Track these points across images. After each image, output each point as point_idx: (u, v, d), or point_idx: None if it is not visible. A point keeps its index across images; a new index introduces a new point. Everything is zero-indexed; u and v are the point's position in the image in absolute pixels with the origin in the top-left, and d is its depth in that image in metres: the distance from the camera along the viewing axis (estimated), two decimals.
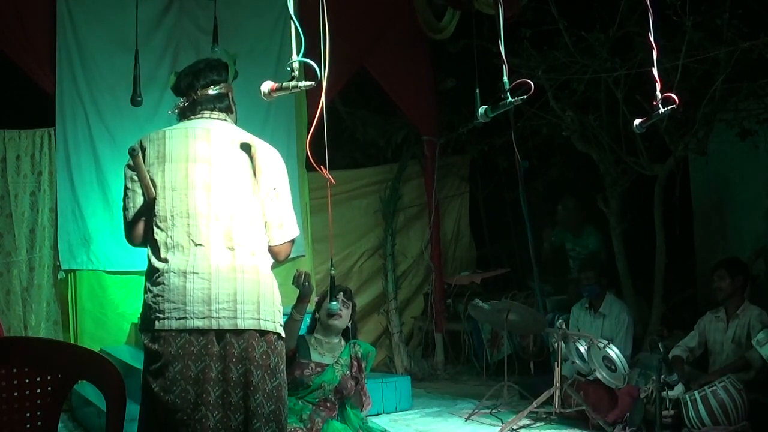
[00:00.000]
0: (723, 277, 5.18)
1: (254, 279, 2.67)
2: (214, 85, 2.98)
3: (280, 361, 2.71)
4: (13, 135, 6.07)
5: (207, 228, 2.69)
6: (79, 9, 6.17)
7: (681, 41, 5.43)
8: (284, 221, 2.80)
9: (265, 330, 2.66)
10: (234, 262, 2.66)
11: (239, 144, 2.83)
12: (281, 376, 2.70)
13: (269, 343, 2.66)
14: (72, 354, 2.34)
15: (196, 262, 2.65)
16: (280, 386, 2.69)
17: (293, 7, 2.59)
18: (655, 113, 3.29)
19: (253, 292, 2.65)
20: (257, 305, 2.65)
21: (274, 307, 2.71)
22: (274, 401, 2.65)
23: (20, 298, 5.98)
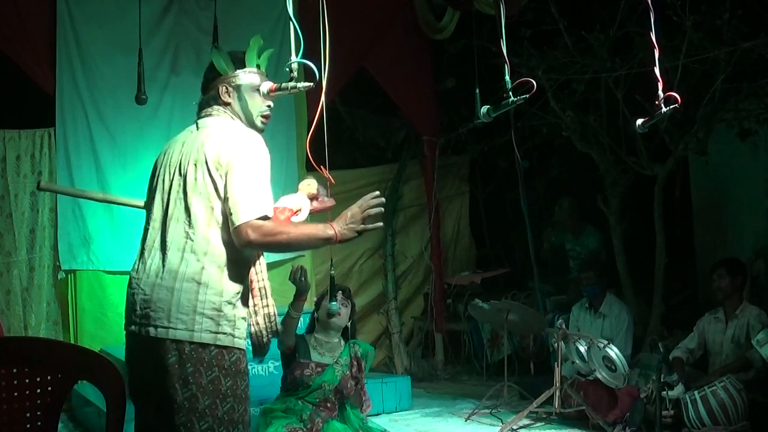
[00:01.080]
0: (722, 277, 5.18)
1: (170, 285, 2.52)
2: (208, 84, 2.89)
3: (204, 371, 2.48)
4: (13, 135, 6.07)
5: (153, 232, 2.66)
6: (79, 9, 6.17)
7: (681, 41, 5.44)
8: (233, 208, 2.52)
9: (174, 338, 2.49)
10: (159, 267, 2.57)
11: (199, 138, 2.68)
12: (200, 387, 2.47)
13: (181, 352, 2.48)
14: (72, 354, 2.34)
15: (136, 268, 2.68)
16: (195, 398, 2.46)
17: (293, 8, 2.59)
18: (657, 113, 3.28)
19: (165, 298, 2.51)
20: (168, 313, 2.50)
21: (195, 314, 2.49)
22: (185, 413, 2.47)
23: (20, 298, 5.98)
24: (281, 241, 2.52)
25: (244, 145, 2.61)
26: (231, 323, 2.55)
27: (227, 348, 2.53)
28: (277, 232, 2.51)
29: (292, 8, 2.58)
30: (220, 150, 2.59)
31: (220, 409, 2.49)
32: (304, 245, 2.66)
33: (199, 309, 2.51)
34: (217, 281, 2.55)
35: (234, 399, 2.52)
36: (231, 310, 2.56)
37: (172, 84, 6.47)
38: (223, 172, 2.56)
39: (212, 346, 2.51)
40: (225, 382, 2.50)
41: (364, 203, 2.57)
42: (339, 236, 2.54)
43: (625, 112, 6.00)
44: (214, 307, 2.52)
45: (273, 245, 2.59)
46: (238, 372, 2.54)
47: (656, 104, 3.26)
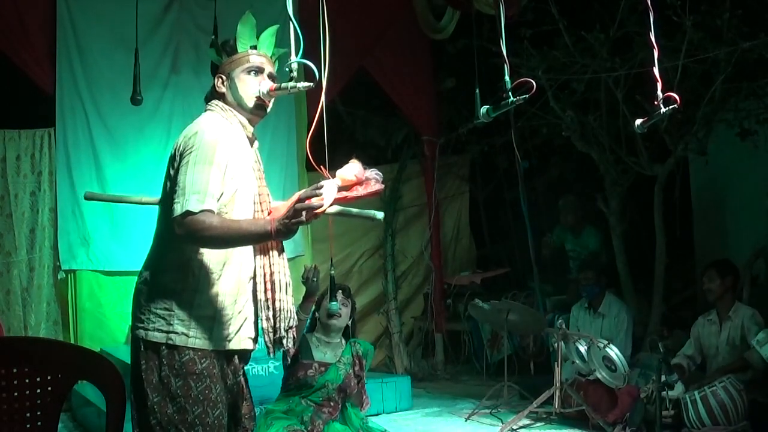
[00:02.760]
0: (713, 279, 5.17)
1: (137, 285, 2.61)
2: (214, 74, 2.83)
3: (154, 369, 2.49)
4: (13, 135, 6.07)
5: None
6: (79, 8, 6.17)
7: (681, 41, 5.43)
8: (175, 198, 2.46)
9: (136, 337, 2.57)
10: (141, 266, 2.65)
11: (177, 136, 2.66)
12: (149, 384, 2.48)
13: (138, 350, 2.55)
14: (72, 354, 2.34)
15: None
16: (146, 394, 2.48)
17: (292, 8, 2.58)
18: (657, 113, 3.28)
19: (134, 297, 2.63)
20: (134, 312, 2.61)
21: (150, 312, 2.52)
22: (137, 409, 2.53)
23: (20, 298, 5.98)
24: (210, 236, 2.42)
25: (193, 138, 2.54)
26: (184, 323, 2.50)
27: (179, 348, 2.49)
28: (203, 228, 2.40)
29: (291, 8, 2.58)
30: (177, 146, 2.58)
31: (169, 408, 2.47)
32: (239, 241, 2.52)
33: (152, 308, 2.52)
34: (170, 280, 2.52)
35: (185, 400, 2.47)
36: (185, 310, 2.51)
37: (173, 83, 6.48)
38: (174, 169, 2.54)
39: (163, 345, 2.50)
40: (175, 381, 2.47)
41: (303, 193, 2.45)
42: (274, 233, 2.41)
43: (625, 112, 6.00)
44: (164, 306, 2.51)
45: (202, 241, 2.46)
46: (191, 373, 2.48)
47: (655, 104, 3.26)
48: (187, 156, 2.50)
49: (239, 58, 2.80)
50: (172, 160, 2.58)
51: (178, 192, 2.45)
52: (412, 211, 7.85)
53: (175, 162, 2.54)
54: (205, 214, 2.42)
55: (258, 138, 2.86)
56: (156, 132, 6.44)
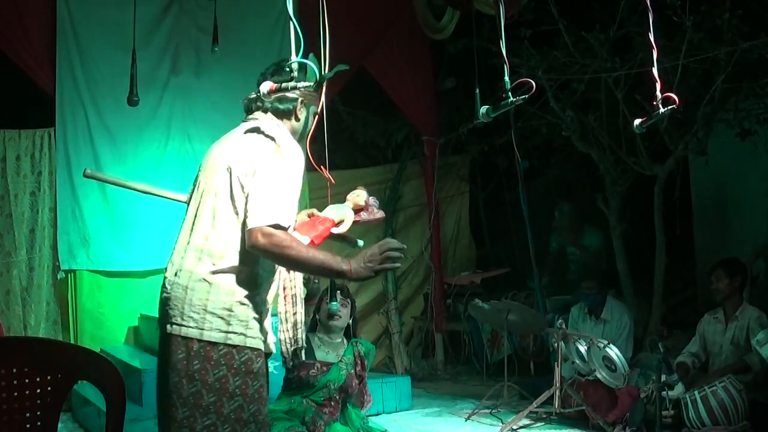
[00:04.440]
0: (720, 278, 5.16)
1: (184, 284, 2.57)
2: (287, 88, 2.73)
3: (211, 369, 2.50)
4: (13, 135, 6.07)
5: (184, 231, 2.69)
6: (79, 9, 6.17)
7: (681, 41, 5.43)
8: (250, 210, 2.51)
9: (185, 336, 2.53)
10: (179, 266, 2.63)
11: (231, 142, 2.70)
12: (205, 384, 2.49)
13: (189, 350, 2.52)
14: (72, 354, 2.34)
15: (166, 267, 2.72)
16: (200, 394, 2.49)
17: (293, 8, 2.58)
18: (656, 113, 3.28)
19: (179, 297, 2.57)
20: (181, 311, 2.55)
21: (206, 313, 2.52)
22: (189, 408, 2.50)
23: (20, 298, 5.98)
24: (289, 255, 2.47)
25: (276, 153, 2.58)
26: (243, 323, 2.55)
27: (238, 347, 2.53)
28: (288, 246, 2.46)
29: (292, 8, 2.58)
30: (252, 154, 2.58)
31: (226, 407, 2.49)
32: (313, 269, 2.61)
33: (209, 308, 2.53)
34: (229, 282, 2.55)
35: (243, 398, 2.51)
36: (245, 310, 2.56)
37: (172, 84, 6.48)
38: (251, 177, 2.54)
39: (221, 344, 2.52)
40: (233, 381, 2.51)
41: (385, 245, 2.52)
42: (353, 273, 2.49)
43: (625, 112, 5.99)
44: (224, 307, 2.53)
45: (277, 257, 2.51)
46: (249, 372, 2.54)
47: (654, 104, 3.27)
48: (269, 168, 2.53)
49: (318, 96, 2.79)
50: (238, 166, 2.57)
51: (258, 203, 2.49)
52: (412, 211, 7.85)
53: (247, 167, 2.55)
54: (286, 232, 2.49)
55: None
56: (156, 133, 6.44)
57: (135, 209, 6.32)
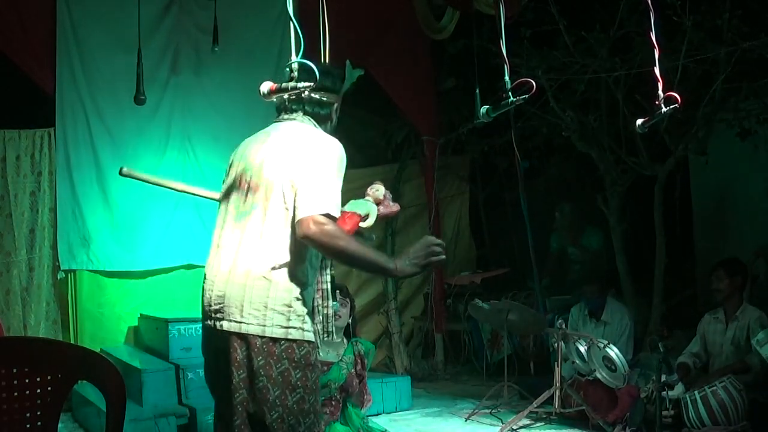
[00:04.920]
0: (721, 278, 5.16)
1: (241, 282, 2.60)
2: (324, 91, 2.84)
3: (274, 364, 2.57)
4: (13, 135, 6.07)
5: (228, 231, 2.72)
6: (79, 9, 6.17)
7: (681, 41, 5.43)
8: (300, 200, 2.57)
9: (246, 333, 2.58)
10: (231, 265, 2.65)
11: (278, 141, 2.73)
12: (270, 379, 2.56)
13: (253, 346, 2.57)
14: (72, 354, 2.34)
15: (210, 264, 2.77)
16: (266, 389, 2.56)
17: (293, 8, 2.58)
18: (657, 113, 3.28)
19: (237, 295, 2.60)
20: (240, 308, 2.59)
21: (267, 309, 2.57)
22: (258, 402, 2.57)
23: (20, 297, 5.98)
24: (339, 246, 2.52)
25: (323, 148, 2.66)
26: (300, 318, 2.62)
27: (297, 341, 2.60)
28: (338, 236, 2.52)
29: (292, 8, 2.58)
30: (301, 152, 2.64)
31: (290, 399, 2.57)
32: (360, 263, 2.64)
33: (270, 305, 2.58)
34: (286, 278, 2.60)
35: (304, 390, 2.60)
36: (301, 305, 2.62)
37: (172, 84, 6.48)
38: (299, 172, 2.60)
39: (282, 340, 2.58)
40: (295, 374, 2.59)
41: (427, 243, 2.60)
42: (399, 270, 2.56)
43: (625, 112, 6.00)
44: (284, 303, 2.59)
45: (328, 248, 2.54)
46: (308, 364, 2.62)
47: (656, 104, 3.26)
48: (317, 162, 2.60)
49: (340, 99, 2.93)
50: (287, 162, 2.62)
51: (307, 194, 2.55)
52: (412, 211, 7.84)
53: (298, 165, 2.60)
54: (336, 222, 2.57)
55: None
56: (156, 132, 6.44)
57: (135, 209, 6.32)
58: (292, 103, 2.82)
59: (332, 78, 2.87)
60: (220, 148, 6.58)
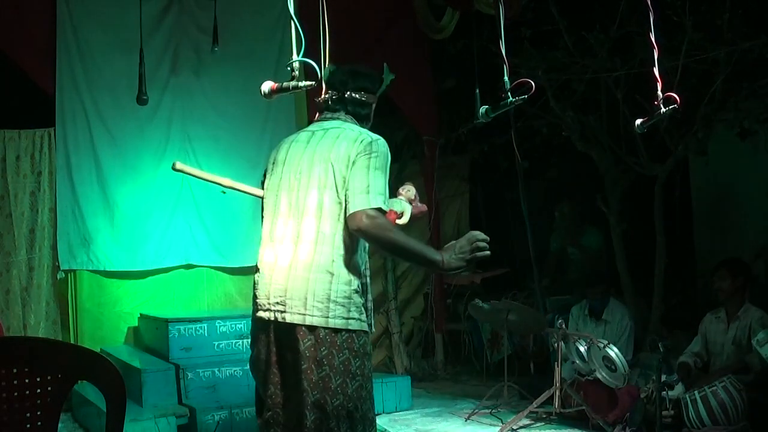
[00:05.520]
0: (723, 278, 5.15)
1: (304, 276, 2.72)
2: (364, 92, 3.01)
3: (336, 354, 2.71)
4: (13, 135, 6.07)
5: (283, 226, 2.82)
6: (79, 9, 6.17)
7: (681, 41, 5.43)
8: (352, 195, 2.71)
9: (310, 324, 2.70)
10: (292, 259, 2.76)
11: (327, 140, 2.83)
12: (332, 368, 2.70)
13: (317, 337, 2.70)
14: (72, 354, 2.34)
15: (266, 259, 2.85)
16: (328, 377, 2.70)
17: (293, 7, 2.59)
18: (657, 113, 3.28)
19: (300, 288, 2.72)
20: (304, 301, 2.71)
21: (329, 302, 2.71)
22: (320, 391, 2.69)
23: (19, 297, 5.98)
24: (389, 238, 2.66)
25: (373, 144, 2.78)
26: (358, 309, 2.77)
27: (356, 332, 2.75)
28: (389, 229, 2.68)
29: (292, 8, 2.58)
30: (351, 148, 2.76)
31: (350, 387, 2.73)
32: (408, 255, 2.76)
33: (332, 297, 2.72)
34: (346, 272, 2.74)
35: (362, 378, 2.75)
36: (358, 297, 2.77)
37: (172, 84, 6.48)
38: (349, 169, 2.73)
39: (344, 330, 2.72)
40: (354, 362, 2.74)
41: (472, 238, 2.74)
42: (446, 263, 2.68)
43: (625, 112, 6.00)
44: (345, 296, 2.73)
45: (380, 240, 2.67)
46: (366, 353, 2.78)
47: (655, 104, 3.26)
48: (366, 159, 2.74)
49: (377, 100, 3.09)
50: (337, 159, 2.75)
51: (359, 189, 2.69)
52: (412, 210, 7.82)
53: (348, 161, 2.73)
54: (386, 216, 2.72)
55: (258, 138, 2.96)
56: (156, 132, 6.44)
57: (135, 209, 6.32)
58: (336, 103, 2.95)
59: (371, 79, 3.03)
60: (220, 148, 6.59)
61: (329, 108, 2.96)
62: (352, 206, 2.67)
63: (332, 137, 2.82)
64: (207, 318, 5.68)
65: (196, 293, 6.60)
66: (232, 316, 5.78)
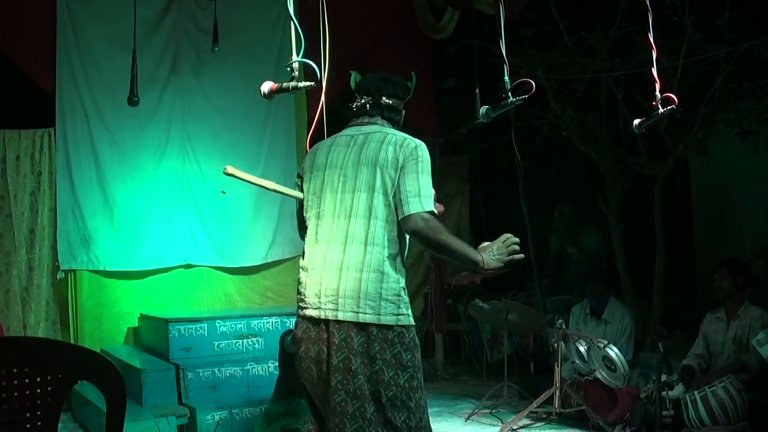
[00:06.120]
0: (724, 277, 5.15)
1: (356, 276, 2.83)
2: (396, 98, 3.17)
3: (388, 348, 2.83)
4: (13, 135, 6.06)
5: (329, 227, 2.92)
6: (79, 9, 6.17)
7: (681, 41, 5.43)
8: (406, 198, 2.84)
9: (364, 322, 2.82)
10: (343, 259, 2.87)
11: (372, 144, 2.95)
12: (385, 362, 2.82)
13: (369, 334, 2.82)
14: (72, 354, 2.34)
15: (315, 259, 2.95)
16: (382, 371, 2.82)
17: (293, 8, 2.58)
18: (655, 113, 3.28)
19: (353, 287, 2.83)
20: (357, 299, 2.82)
21: (381, 300, 2.83)
22: (374, 384, 2.82)
23: (19, 297, 5.98)
24: (441, 240, 2.84)
25: (418, 149, 2.91)
26: (406, 305, 2.90)
27: (406, 327, 2.88)
28: (441, 231, 2.84)
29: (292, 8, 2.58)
30: (398, 152, 2.89)
31: (402, 378, 2.85)
32: (454, 255, 2.89)
33: (384, 295, 2.84)
34: (394, 270, 2.87)
35: (413, 369, 2.88)
36: (405, 294, 2.90)
37: (172, 83, 6.48)
38: (398, 172, 2.86)
39: (395, 326, 2.85)
40: (405, 355, 2.87)
41: (508, 240, 2.96)
42: (486, 264, 2.88)
43: (625, 112, 5.99)
44: (395, 293, 2.86)
45: (432, 241, 2.84)
46: (415, 346, 2.91)
47: (653, 105, 3.26)
48: (414, 163, 2.87)
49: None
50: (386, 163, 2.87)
51: (412, 192, 2.84)
52: None
53: (396, 165, 2.86)
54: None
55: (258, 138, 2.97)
56: (156, 132, 6.44)
57: (135, 209, 6.32)
58: (373, 108, 3.08)
59: (402, 87, 3.19)
60: (219, 147, 6.59)
61: (367, 113, 3.07)
62: (407, 209, 2.82)
63: (377, 141, 2.93)
64: (207, 318, 5.68)
65: (196, 293, 6.60)
66: (232, 316, 5.78)
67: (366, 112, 3.07)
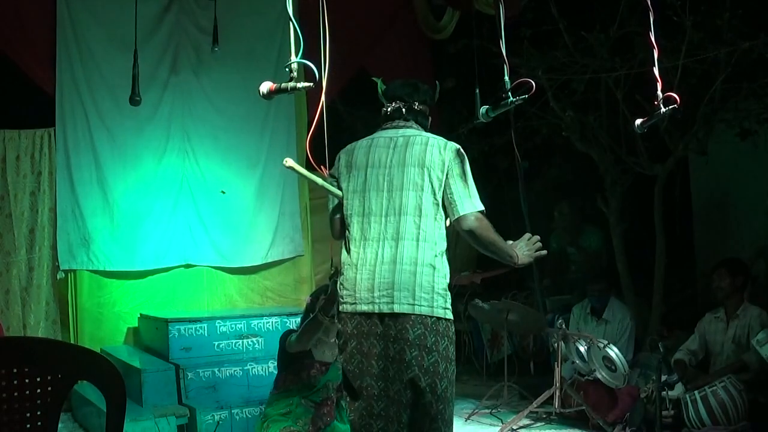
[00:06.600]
0: (723, 277, 5.16)
1: (411, 270, 2.97)
2: (425, 105, 3.31)
3: (440, 340, 3.01)
4: (13, 135, 6.06)
5: (378, 224, 3.05)
6: (79, 9, 6.17)
7: (681, 41, 5.43)
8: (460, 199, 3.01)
9: (419, 314, 2.95)
10: (396, 254, 2.99)
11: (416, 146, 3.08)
12: (439, 354, 3.00)
13: (425, 326, 2.97)
14: (72, 354, 2.34)
15: (365, 255, 3.06)
16: (437, 363, 3.00)
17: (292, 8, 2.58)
18: (656, 113, 3.28)
19: (408, 281, 2.96)
20: (412, 292, 2.95)
21: (433, 293, 2.98)
22: (431, 375, 2.97)
23: (19, 297, 5.98)
24: (490, 238, 3.06)
25: (460, 151, 3.10)
26: (450, 299, 3.08)
27: (451, 320, 3.08)
28: (491, 229, 3.06)
29: (291, 8, 2.58)
30: (444, 155, 3.05)
31: (449, 370, 3.08)
32: (499, 252, 3.11)
33: (436, 289, 3.01)
34: (443, 266, 3.05)
35: (454, 362, 3.12)
36: (449, 288, 3.07)
37: (172, 83, 6.48)
38: (445, 173, 3.02)
39: (443, 319, 3.05)
40: (450, 348, 3.09)
41: (532, 239, 3.20)
42: (519, 259, 3.13)
43: (625, 112, 6.00)
44: (444, 288, 3.04)
45: (485, 238, 3.05)
46: (453, 340, 3.13)
47: (655, 104, 3.26)
48: (460, 166, 3.06)
49: None
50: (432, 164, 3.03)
51: (464, 194, 3.04)
52: None
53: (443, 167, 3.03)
54: None
55: (258, 138, 3.00)
56: (155, 132, 6.44)
57: (135, 209, 6.32)
58: (408, 113, 3.22)
59: (429, 94, 3.34)
60: (219, 147, 6.59)
61: (402, 116, 3.20)
62: (461, 209, 3.01)
63: (421, 143, 3.08)
64: (207, 318, 5.68)
65: (196, 293, 6.60)
66: (232, 316, 5.78)
67: (402, 115, 3.20)
